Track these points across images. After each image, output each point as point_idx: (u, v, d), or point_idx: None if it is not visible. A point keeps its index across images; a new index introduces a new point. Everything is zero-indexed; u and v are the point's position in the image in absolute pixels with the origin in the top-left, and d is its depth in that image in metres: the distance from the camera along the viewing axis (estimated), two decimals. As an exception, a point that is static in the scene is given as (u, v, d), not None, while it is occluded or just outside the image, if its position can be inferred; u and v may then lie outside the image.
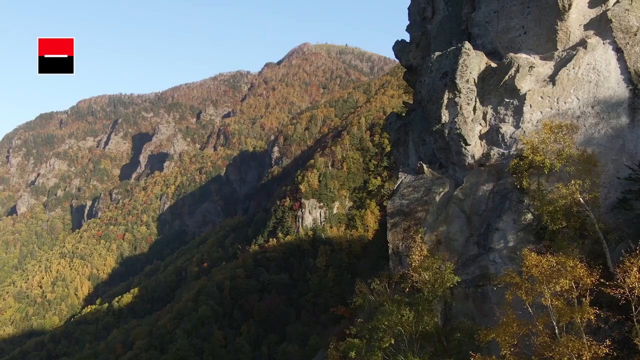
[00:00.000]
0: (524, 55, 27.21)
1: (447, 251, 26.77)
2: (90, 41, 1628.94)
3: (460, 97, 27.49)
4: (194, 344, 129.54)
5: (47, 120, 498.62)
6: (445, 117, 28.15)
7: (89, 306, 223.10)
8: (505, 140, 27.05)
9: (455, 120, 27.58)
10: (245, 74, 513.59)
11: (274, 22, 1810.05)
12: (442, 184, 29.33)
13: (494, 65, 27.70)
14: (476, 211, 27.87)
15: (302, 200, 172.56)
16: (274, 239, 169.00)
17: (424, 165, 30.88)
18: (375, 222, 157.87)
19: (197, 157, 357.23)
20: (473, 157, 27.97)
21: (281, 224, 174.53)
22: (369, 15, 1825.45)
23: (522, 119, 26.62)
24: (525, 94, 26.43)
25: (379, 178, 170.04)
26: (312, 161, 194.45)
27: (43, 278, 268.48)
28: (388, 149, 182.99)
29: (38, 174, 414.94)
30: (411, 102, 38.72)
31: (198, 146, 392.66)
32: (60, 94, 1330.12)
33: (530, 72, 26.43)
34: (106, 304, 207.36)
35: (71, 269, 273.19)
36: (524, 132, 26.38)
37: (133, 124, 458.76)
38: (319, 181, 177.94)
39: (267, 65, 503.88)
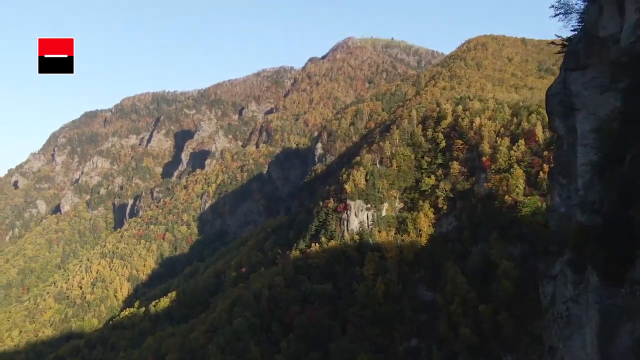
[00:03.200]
0: None
1: None
2: (137, 39, 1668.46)
3: None
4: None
5: (91, 118, 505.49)
6: None
7: (127, 309, 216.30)
8: None
9: None
10: (289, 70, 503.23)
11: (317, 16, 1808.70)
12: None
13: None
14: None
15: (348, 201, 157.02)
16: (317, 243, 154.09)
17: None
18: (430, 225, 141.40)
19: (238, 154, 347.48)
20: None
21: (324, 227, 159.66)
22: (414, 8, 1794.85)
23: None
24: None
25: (432, 177, 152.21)
26: (358, 158, 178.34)
27: (83, 278, 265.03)
28: (443, 144, 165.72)
29: (82, 172, 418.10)
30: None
31: (240, 143, 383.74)
32: (105, 92, 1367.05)
33: None
34: (143, 308, 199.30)
35: (111, 270, 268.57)
36: None
37: (175, 122, 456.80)
38: (366, 180, 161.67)
39: (310, 60, 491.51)
